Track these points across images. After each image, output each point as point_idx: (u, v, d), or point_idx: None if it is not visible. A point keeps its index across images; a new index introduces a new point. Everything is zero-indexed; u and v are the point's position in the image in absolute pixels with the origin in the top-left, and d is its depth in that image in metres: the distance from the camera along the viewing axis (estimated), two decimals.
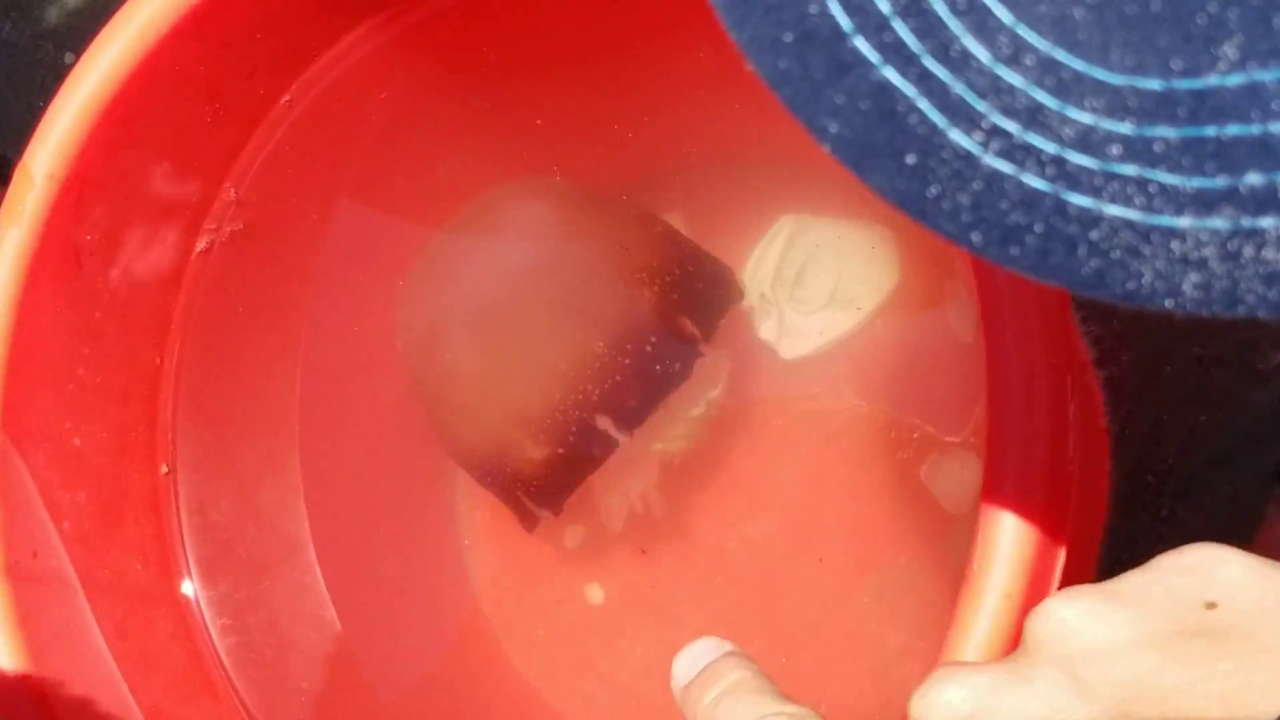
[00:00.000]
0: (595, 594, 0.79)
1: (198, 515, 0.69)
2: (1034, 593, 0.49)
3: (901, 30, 0.31)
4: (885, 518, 0.76)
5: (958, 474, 0.75)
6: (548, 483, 0.74)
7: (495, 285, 0.74)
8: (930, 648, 0.51)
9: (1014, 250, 0.31)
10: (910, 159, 0.31)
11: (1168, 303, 0.31)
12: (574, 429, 0.72)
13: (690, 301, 0.74)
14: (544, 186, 0.76)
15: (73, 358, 0.65)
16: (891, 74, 0.31)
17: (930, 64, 0.31)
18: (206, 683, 0.66)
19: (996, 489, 0.48)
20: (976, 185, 0.31)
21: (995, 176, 0.31)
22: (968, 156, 0.31)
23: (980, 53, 0.30)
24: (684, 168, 0.80)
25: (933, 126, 0.31)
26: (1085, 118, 0.30)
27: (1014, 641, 0.49)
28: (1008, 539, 0.48)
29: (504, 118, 0.74)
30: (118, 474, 0.67)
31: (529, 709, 0.76)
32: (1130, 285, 0.31)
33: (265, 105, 0.68)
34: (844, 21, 0.31)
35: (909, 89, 0.31)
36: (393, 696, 0.72)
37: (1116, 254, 0.30)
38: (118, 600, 0.64)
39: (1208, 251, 0.30)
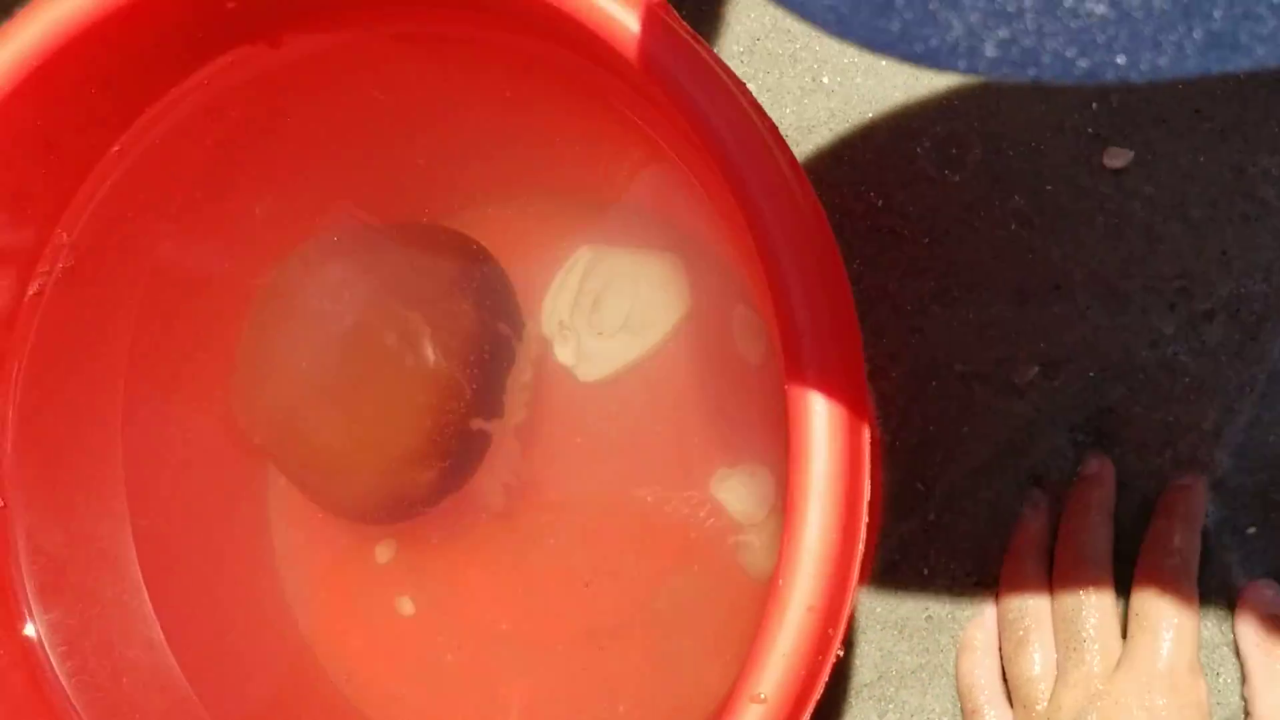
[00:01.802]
0: (406, 606, 0.83)
1: (31, 546, 0.72)
2: (833, 603, 0.54)
3: None
4: (679, 529, 0.81)
5: (746, 486, 0.81)
6: (441, 493, 0.79)
7: (330, 341, 0.79)
8: (726, 652, 0.55)
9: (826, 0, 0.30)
10: None
11: (960, 64, 0.31)
12: (452, 444, 0.77)
13: (495, 302, 0.80)
14: (351, 233, 0.80)
15: None
16: None
17: None
18: (47, 708, 0.70)
19: (797, 505, 0.54)
20: None
21: None
22: None
23: None
24: (485, 202, 0.84)
25: None
26: None
27: (816, 649, 0.54)
28: (810, 555, 0.53)
29: (314, 161, 0.78)
30: None
31: (343, 716, 0.80)
32: (933, 42, 0.30)
33: (96, 154, 0.71)
34: None
35: None
36: (222, 713, 0.76)
37: (934, 5, 0.30)
38: None
39: (1027, 2, 0.29)
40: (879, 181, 0.85)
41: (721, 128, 0.56)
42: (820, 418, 0.54)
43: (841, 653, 0.76)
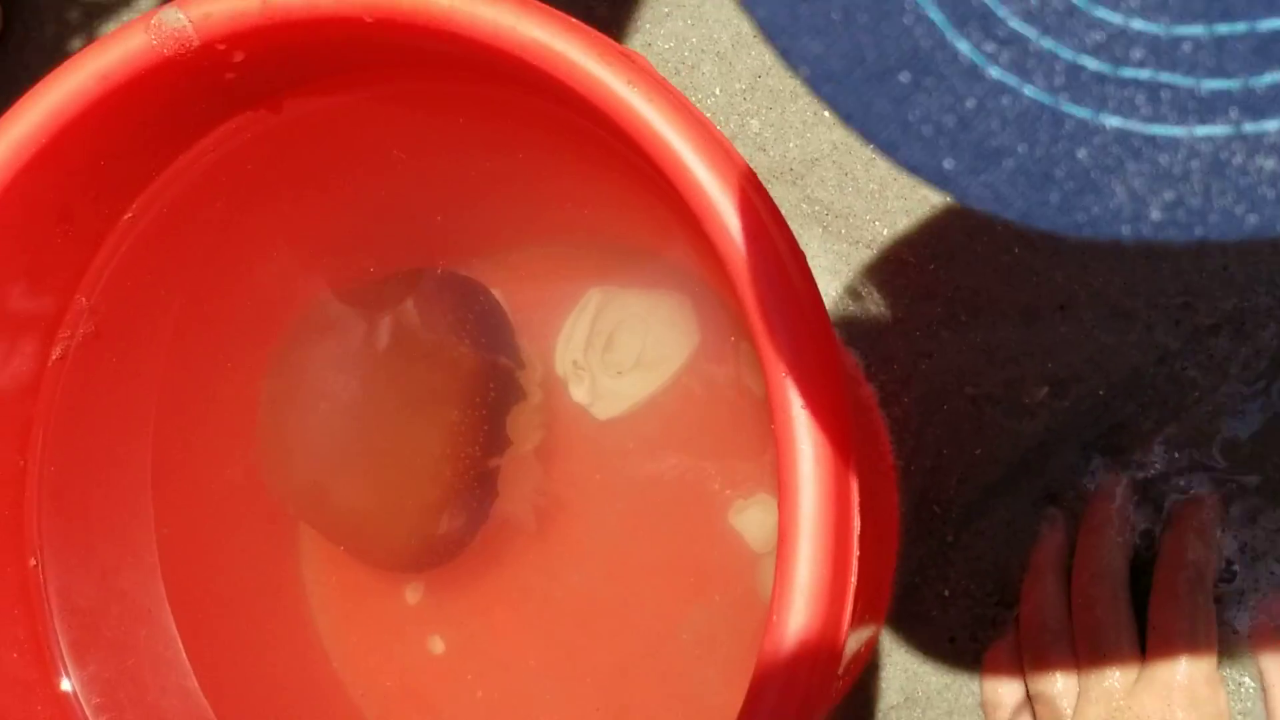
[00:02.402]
0: (437, 644, 0.85)
1: (65, 602, 0.74)
2: (828, 629, 0.56)
3: None
4: (698, 560, 0.83)
5: (761, 515, 0.82)
6: (469, 534, 0.82)
7: (342, 409, 0.82)
8: (742, 678, 0.56)
9: (985, 178, 0.30)
10: (903, 76, 0.30)
11: (1124, 229, 0.30)
12: (474, 485, 0.79)
13: (493, 336, 0.82)
14: (348, 294, 0.82)
15: None
16: None
17: None
18: None
19: (788, 537, 0.55)
20: (969, 103, 0.30)
21: (994, 91, 0.30)
22: (970, 69, 0.30)
23: None
24: (495, 249, 0.86)
25: (939, 38, 0.30)
26: (1115, 18, 0.29)
27: (811, 682, 0.56)
28: (803, 581, 0.55)
29: (324, 217, 0.80)
30: None
31: None
32: (1095, 210, 0.30)
33: (110, 222, 0.73)
34: None
35: None
36: None
37: (1095, 174, 0.30)
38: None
39: (1194, 164, 0.29)
40: (884, 211, 0.87)
41: (711, 203, 0.58)
42: (806, 459, 0.56)
43: (849, 678, 0.78)
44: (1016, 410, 0.84)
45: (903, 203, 0.86)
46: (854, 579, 0.58)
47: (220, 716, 0.78)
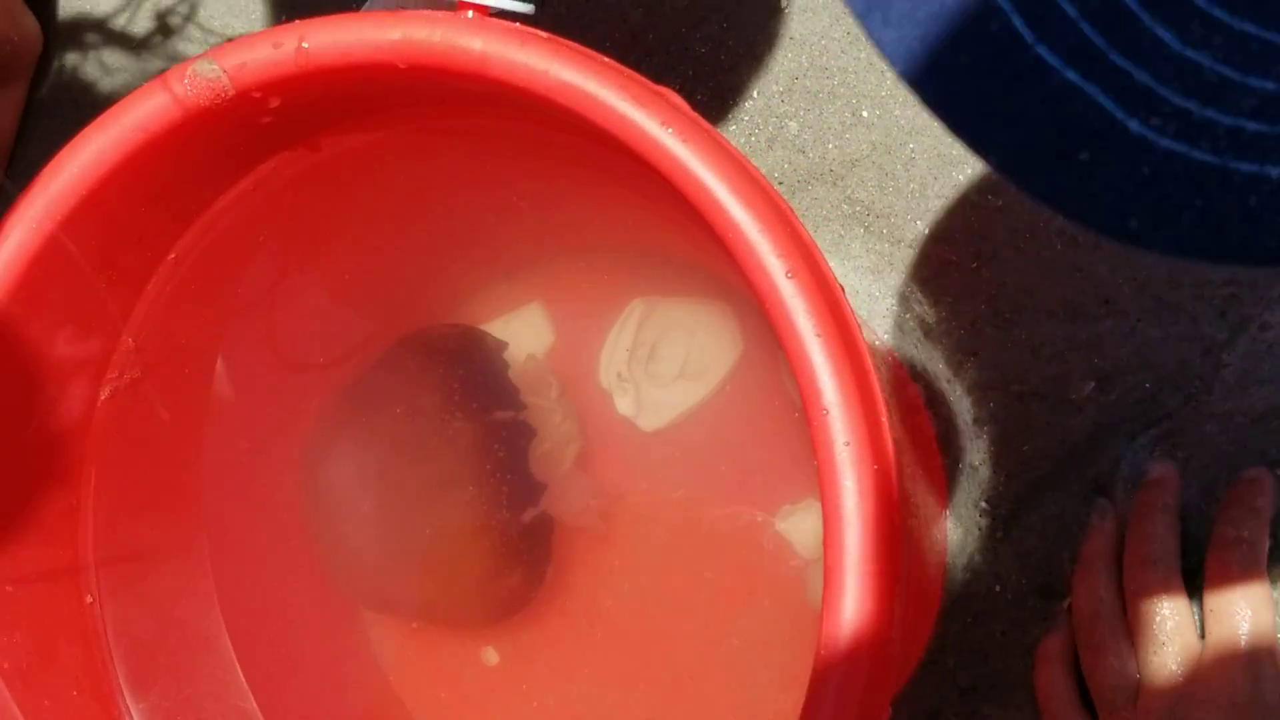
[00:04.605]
0: (491, 656, 0.86)
1: (123, 636, 0.75)
2: (880, 631, 0.56)
3: (1089, 31, 0.32)
4: (746, 567, 0.83)
5: (809, 521, 0.83)
6: (534, 582, 0.83)
7: (371, 521, 0.83)
8: (801, 685, 0.57)
9: (1168, 231, 0.33)
10: (1083, 156, 0.33)
11: None
12: (521, 540, 0.80)
13: (484, 395, 0.83)
14: (344, 399, 0.84)
15: None
16: (1074, 75, 0.33)
17: (1117, 59, 0.32)
18: None
19: (834, 543, 0.56)
20: (1145, 170, 0.33)
21: (1166, 159, 0.33)
22: (1141, 142, 0.33)
23: (1170, 39, 0.32)
24: (541, 260, 0.86)
25: (1111, 119, 0.33)
26: (1269, 85, 0.32)
27: (869, 675, 0.56)
28: (851, 585, 0.56)
29: (366, 246, 0.81)
30: (47, 610, 0.73)
31: None
32: (1272, 244, 0.33)
33: (153, 264, 0.74)
34: (1027, 33, 0.33)
35: (1091, 86, 0.32)
36: None
37: (1269, 216, 0.33)
38: None
39: None
40: (925, 210, 0.87)
41: (730, 226, 0.58)
42: (848, 472, 0.56)
43: (904, 677, 0.78)
44: (1063, 406, 0.84)
45: (943, 202, 0.86)
46: (903, 579, 0.58)
47: None
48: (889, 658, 0.58)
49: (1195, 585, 0.80)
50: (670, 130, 0.59)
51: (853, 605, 0.56)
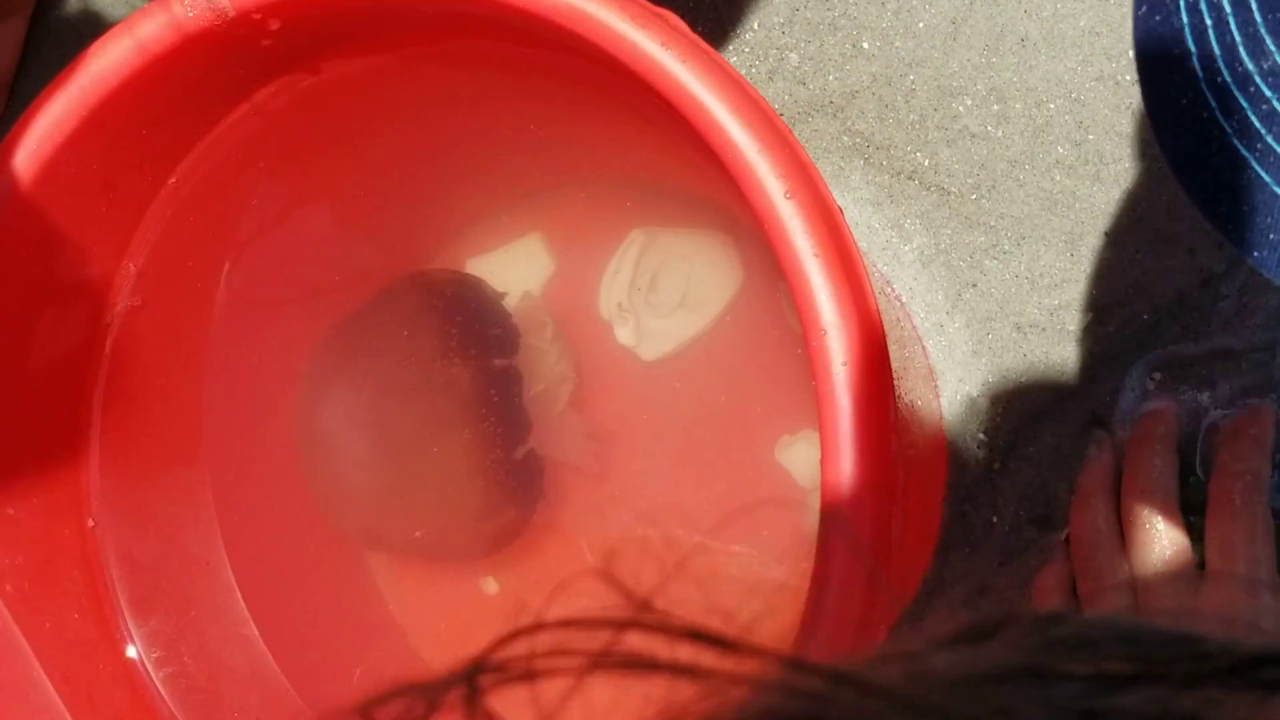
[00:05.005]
0: (490, 585, 0.86)
1: (125, 560, 0.76)
2: (876, 558, 0.57)
3: None
4: (746, 496, 0.84)
5: (808, 451, 0.83)
6: (529, 512, 0.83)
7: (366, 466, 0.83)
8: (796, 612, 0.57)
9: None
10: None
11: None
12: (513, 478, 0.81)
13: (481, 343, 0.83)
14: (337, 346, 0.84)
15: (1, 436, 0.72)
16: None
17: None
18: (150, 715, 0.74)
19: (831, 463, 0.56)
20: None
21: None
22: None
23: None
24: (542, 190, 0.86)
25: None
26: None
27: (864, 600, 0.57)
28: (847, 507, 0.56)
29: (367, 174, 0.81)
30: (49, 534, 0.74)
31: None
32: None
33: (155, 188, 0.74)
34: None
35: None
36: (312, 696, 0.80)
37: None
38: (61, 650, 0.72)
39: None
40: (925, 141, 0.87)
41: (729, 138, 0.58)
42: (843, 396, 0.57)
43: (900, 607, 0.78)
44: (1061, 337, 0.85)
45: (943, 133, 0.86)
46: (899, 504, 0.59)
47: (279, 662, 0.80)
48: (884, 582, 0.58)
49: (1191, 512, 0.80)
50: (669, 50, 0.59)
51: (848, 528, 0.56)
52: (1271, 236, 0.40)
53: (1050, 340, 0.84)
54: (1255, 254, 0.41)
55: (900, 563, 0.76)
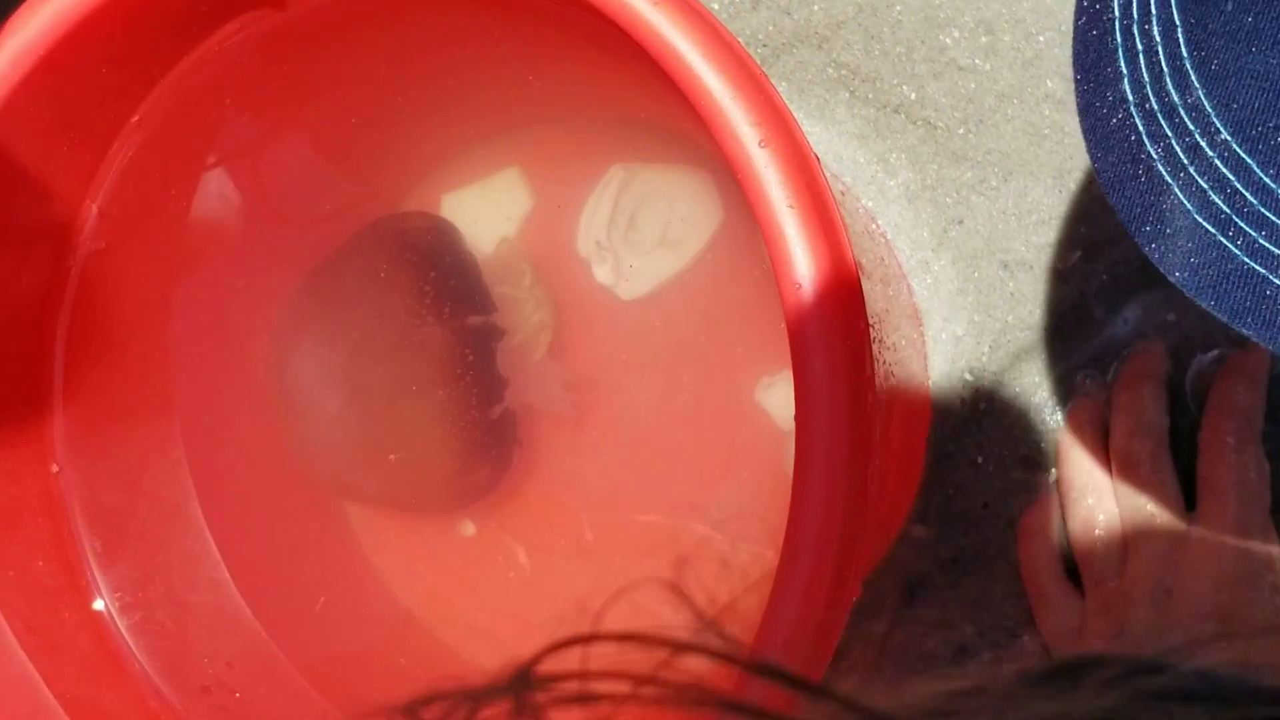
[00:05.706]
0: (468, 528, 0.85)
1: (90, 505, 0.75)
2: (854, 498, 0.56)
3: None
4: (726, 438, 0.82)
5: (788, 392, 0.81)
6: (504, 467, 0.83)
7: (335, 422, 0.81)
8: (776, 553, 0.57)
9: None
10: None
11: None
12: (488, 434, 0.79)
13: (456, 300, 0.81)
14: (311, 297, 0.82)
15: None
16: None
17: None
18: (115, 663, 0.73)
19: (805, 419, 0.56)
20: None
21: None
22: None
23: None
24: (520, 125, 0.84)
25: None
26: None
27: (841, 543, 0.56)
28: (822, 453, 0.55)
29: (336, 111, 0.79)
30: (11, 480, 0.72)
31: (414, 639, 0.83)
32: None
33: (116, 127, 0.72)
34: None
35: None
36: (287, 642, 0.79)
37: None
38: (24, 598, 0.71)
39: None
40: (911, 74, 0.85)
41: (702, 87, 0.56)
42: (815, 333, 0.55)
43: (884, 548, 0.77)
44: (1050, 275, 0.83)
45: (930, 65, 0.84)
46: (875, 453, 0.57)
47: (252, 606, 0.79)
48: (862, 524, 0.57)
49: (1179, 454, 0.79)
50: None
51: (824, 475, 0.55)
52: (1192, 260, 0.43)
53: (1037, 278, 0.83)
54: (1176, 274, 0.44)
55: (880, 508, 0.75)
